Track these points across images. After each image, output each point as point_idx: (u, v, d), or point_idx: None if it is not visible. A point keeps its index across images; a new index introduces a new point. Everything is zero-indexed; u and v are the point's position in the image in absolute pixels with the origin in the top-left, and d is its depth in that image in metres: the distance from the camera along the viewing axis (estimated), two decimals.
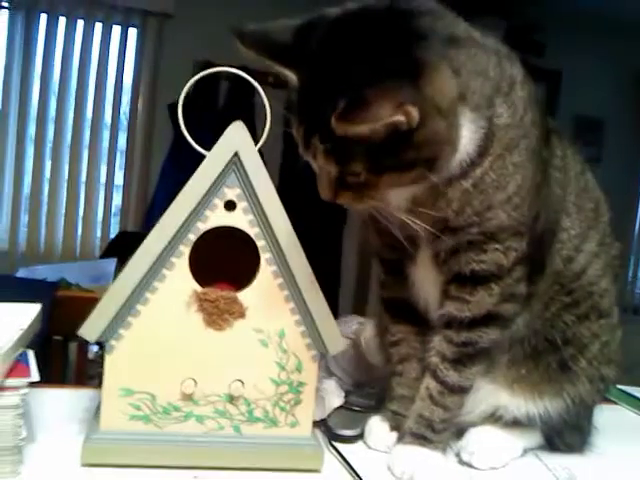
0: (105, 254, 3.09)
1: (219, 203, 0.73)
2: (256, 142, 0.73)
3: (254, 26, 0.71)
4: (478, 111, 0.69)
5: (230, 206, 0.73)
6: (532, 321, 0.82)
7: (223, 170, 0.72)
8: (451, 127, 0.66)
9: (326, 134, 0.64)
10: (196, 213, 0.72)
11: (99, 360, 1.78)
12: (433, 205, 0.72)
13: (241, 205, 0.73)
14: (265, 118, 0.72)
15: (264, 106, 0.72)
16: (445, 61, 0.66)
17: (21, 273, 2.52)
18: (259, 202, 0.73)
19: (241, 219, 0.73)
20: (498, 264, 0.75)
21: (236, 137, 0.72)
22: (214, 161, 0.72)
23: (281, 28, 0.70)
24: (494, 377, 0.83)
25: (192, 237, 0.72)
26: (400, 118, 0.62)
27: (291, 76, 0.70)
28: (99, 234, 3.65)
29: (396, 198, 0.72)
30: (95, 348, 1.85)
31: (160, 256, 0.71)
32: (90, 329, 0.71)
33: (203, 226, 0.72)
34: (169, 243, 0.71)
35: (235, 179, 0.73)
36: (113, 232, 3.61)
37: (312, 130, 0.67)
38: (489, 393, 0.83)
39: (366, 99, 0.61)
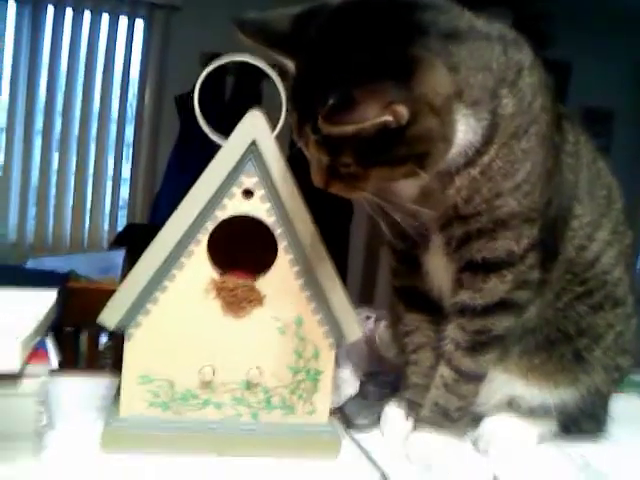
0: (113, 246, 3.11)
1: (237, 191, 0.73)
2: None
3: (254, 14, 0.70)
4: (479, 105, 0.68)
5: (248, 194, 0.73)
6: (544, 310, 0.81)
7: (241, 158, 0.72)
8: (444, 124, 0.65)
9: (317, 125, 0.63)
10: (214, 201, 0.72)
11: (107, 351, 1.78)
12: (442, 194, 0.72)
13: (259, 193, 0.73)
14: (279, 108, 0.72)
15: (273, 97, 0.72)
16: (442, 58, 0.64)
17: (30, 264, 2.54)
18: (276, 190, 0.73)
19: (259, 207, 0.73)
20: (509, 251, 0.74)
21: (253, 125, 0.72)
22: (232, 149, 0.72)
23: (281, 16, 0.70)
24: (507, 367, 0.83)
25: (210, 225, 0.72)
26: (388, 118, 0.61)
27: (290, 65, 0.69)
28: (106, 226, 3.66)
29: (404, 189, 0.72)
30: (105, 339, 1.85)
31: (178, 244, 0.72)
32: (109, 316, 0.71)
33: (221, 214, 0.73)
34: (187, 231, 0.72)
35: (252, 167, 0.73)
36: (120, 224, 3.62)
37: (304, 119, 0.66)
38: (504, 383, 0.83)
39: (354, 99, 0.60)
